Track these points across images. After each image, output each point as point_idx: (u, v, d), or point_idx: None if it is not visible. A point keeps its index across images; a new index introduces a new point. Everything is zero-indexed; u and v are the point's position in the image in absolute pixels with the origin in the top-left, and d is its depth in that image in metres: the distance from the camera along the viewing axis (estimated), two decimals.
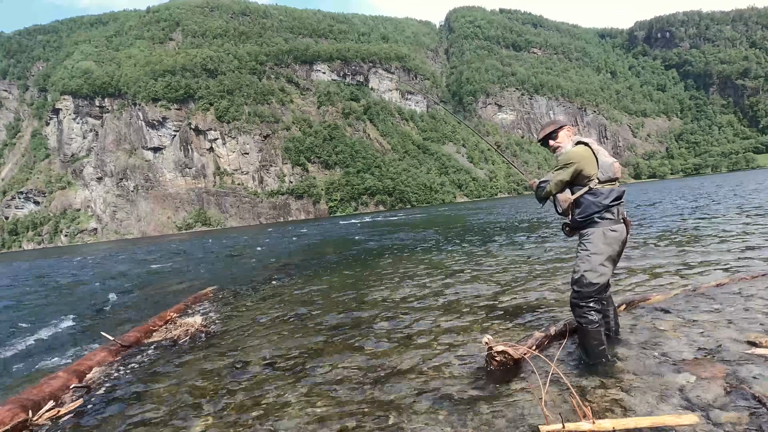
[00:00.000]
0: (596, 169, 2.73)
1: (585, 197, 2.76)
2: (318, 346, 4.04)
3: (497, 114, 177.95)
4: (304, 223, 64.89)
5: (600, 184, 2.73)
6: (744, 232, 8.09)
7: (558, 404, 2.42)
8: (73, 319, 6.96)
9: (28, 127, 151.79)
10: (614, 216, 2.72)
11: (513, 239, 11.63)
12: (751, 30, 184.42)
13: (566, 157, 2.80)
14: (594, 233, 2.75)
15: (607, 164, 2.73)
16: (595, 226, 2.75)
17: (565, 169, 2.78)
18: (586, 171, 2.73)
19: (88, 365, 3.88)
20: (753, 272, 4.81)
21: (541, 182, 3.00)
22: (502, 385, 2.75)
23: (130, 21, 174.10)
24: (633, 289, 4.83)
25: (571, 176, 2.77)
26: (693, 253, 6.56)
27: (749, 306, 3.68)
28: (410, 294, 5.86)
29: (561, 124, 3.02)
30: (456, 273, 7.14)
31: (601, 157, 2.74)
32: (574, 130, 2.99)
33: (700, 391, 2.38)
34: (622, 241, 2.77)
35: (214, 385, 3.35)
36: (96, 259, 25.23)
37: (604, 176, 2.73)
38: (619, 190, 2.74)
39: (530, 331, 3.56)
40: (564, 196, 2.85)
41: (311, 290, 7.06)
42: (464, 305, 4.91)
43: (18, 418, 2.91)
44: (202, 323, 5.11)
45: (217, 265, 13.81)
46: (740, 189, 24.64)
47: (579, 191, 2.78)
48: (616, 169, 2.74)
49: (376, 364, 3.38)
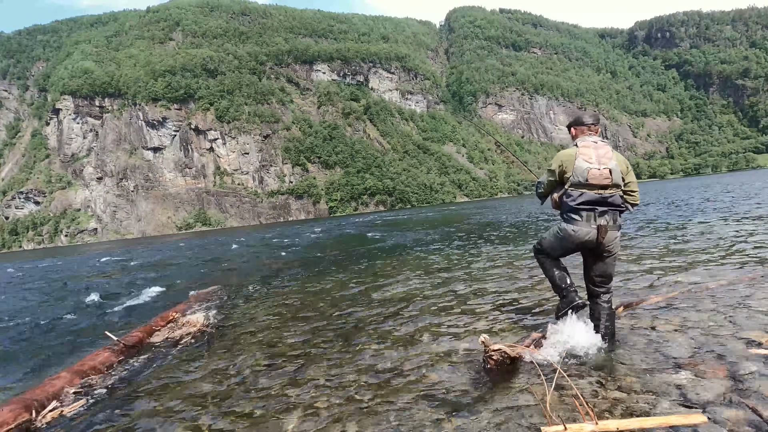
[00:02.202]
0: (571, 171, 2.87)
1: (562, 197, 3.00)
2: (319, 345, 4.05)
3: (497, 114, 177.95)
4: (305, 223, 64.88)
5: (572, 188, 2.87)
6: (744, 233, 8.10)
7: (557, 404, 2.39)
8: (76, 318, 6.98)
9: (28, 127, 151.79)
10: (581, 218, 2.86)
11: (512, 239, 11.64)
12: (751, 30, 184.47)
13: (553, 158, 3.04)
14: (561, 225, 3.02)
15: (581, 169, 2.82)
16: (563, 222, 3.00)
17: (547, 170, 3.09)
18: (567, 173, 2.91)
19: (90, 365, 3.89)
20: (753, 272, 4.83)
21: (538, 182, 3.25)
22: (500, 384, 2.75)
23: (129, 21, 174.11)
24: (633, 289, 4.84)
25: (555, 176, 3.00)
26: (693, 254, 6.57)
27: (749, 306, 3.69)
28: (410, 293, 5.88)
29: (569, 123, 3.22)
30: (456, 273, 7.15)
31: (578, 162, 2.85)
32: (583, 129, 3.08)
33: (700, 390, 2.37)
34: (582, 242, 2.90)
35: (217, 384, 3.37)
36: (96, 258, 25.23)
37: (574, 179, 2.85)
38: (591, 196, 2.81)
39: (529, 331, 3.58)
40: (553, 195, 3.12)
41: (312, 290, 7.08)
42: (464, 305, 4.92)
43: (21, 418, 2.93)
44: (204, 323, 5.13)
45: (219, 264, 13.82)
46: (740, 189, 24.64)
47: (559, 191, 3.03)
48: (591, 176, 2.80)
49: (376, 364, 3.40)
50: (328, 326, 4.71)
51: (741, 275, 4.78)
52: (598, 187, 2.81)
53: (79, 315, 7.26)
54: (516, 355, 2.93)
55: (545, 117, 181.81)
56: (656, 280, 5.15)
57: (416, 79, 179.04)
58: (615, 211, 2.87)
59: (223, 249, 21.75)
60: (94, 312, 7.49)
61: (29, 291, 11.96)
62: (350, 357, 3.65)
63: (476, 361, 3.20)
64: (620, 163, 2.91)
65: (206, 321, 5.26)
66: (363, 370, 3.31)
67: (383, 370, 3.26)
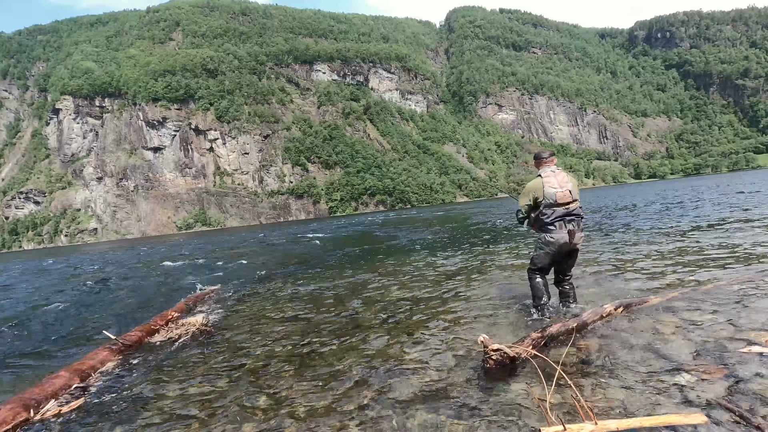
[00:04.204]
0: (543, 196, 3.79)
1: (538, 216, 3.90)
2: (319, 345, 4.06)
3: (497, 114, 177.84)
4: (305, 223, 64.87)
5: (545, 208, 3.81)
6: (743, 233, 8.09)
7: (556, 404, 2.40)
8: (75, 318, 6.98)
9: (28, 127, 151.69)
10: (556, 228, 3.80)
11: (513, 239, 11.64)
12: (751, 30, 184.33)
13: (525, 188, 4.00)
14: (540, 237, 3.96)
15: (551, 193, 3.77)
16: (541, 233, 3.92)
17: (522, 196, 4.01)
18: (539, 198, 3.84)
19: (89, 365, 3.89)
20: (752, 273, 4.82)
21: (517, 210, 4.15)
22: (500, 384, 2.76)
23: (130, 21, 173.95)
24: (632, 290, 4.84)
25: (530, 201, 3.92)
26: (692, 254, 6.57)
27: (748, 306, 3.69)
28: (410, 293, 5.88)
29: (534, 158, 4.16)
30: (455, 272, 7.15)
31: (546, 188, 3.79)
32: (540, 162, 4.01)
33: (699, 390, 2.38)
34: (561, 245, 3.81)
35: (216, 384, 3.37)
36: (96, 258, 25.23)
37: (546, 202, 3.79)
38: (561, 211, 3.76)
39: (528, 331, 3.58)
40: (532, 216, 4.02)
41: (312, 289, 7.08)
42: (464, 305, 4.92)
43: (20, 417, 2.92)
44: (203, 322, 5.12)
45: (218, 264, 13.81)
46: (741, 188, 24.63)
47: (535, 212, 3.93)
48: (559, 197, 3.76)
49: (376, 364, 3.40)
50: (328, 326, 4.71)
51: (741, 275, 4.78)
52: (563, 204, 3.77)
53: (79, 314, 7.26)
54: (515, 355, 2.93)
55: (545, 117, 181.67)
56: (655, 280, 5.15)
57: (416, 79, 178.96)
58: (578, 217, 3.82)
59: (223, 249, 21.74)
60: (94, 311, 7.49)
61: (29, 290, 11.96)
62: (349, 357, 3.65)
63: (476, 361, 3.20)
64: (574, 183, 3.89)
65: (205, 321, 5.26)
66: (362, 370, 3.31)
67: (383, 371, 3.26)
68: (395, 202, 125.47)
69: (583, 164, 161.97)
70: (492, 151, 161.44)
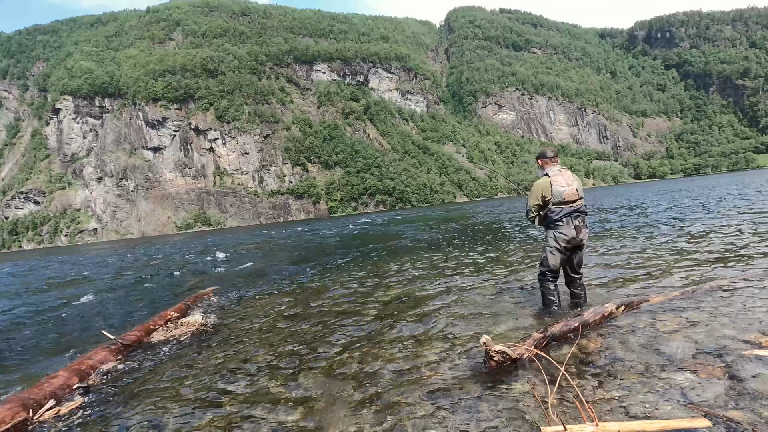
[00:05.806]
0: (551, 195, 3.89)
1: (547, 213, 4.01)
2: (318, 345, 4.04)
3: (497, 114, 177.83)
4: (305, 223, 64.85)
5: (554, 206, 3.92)
6: (743, 234, 8.08)
7: (557, 404, 2.40)
8: (74, 317, 6.96)
9: (28, 127, 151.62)
10: (563, 224, 3.90)
11: (512, 239, 11.63)
12: (751, 30, 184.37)
13: (532, 187, 4.06)
14: (548, 234, 4.04)
15: (559, 192, 3.87)
16: (549, 229, 4.03)
17: (530, 196, 4.06)
18: (548, 197, 3.93)
19: (88, 364, 3.88)
20: (752, 273, 4.81)
21: (527, 210, 4.17)
22: (502, 385, 2.76)
23: (129, 21, 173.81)
24: (632, 290, 4.83)
25: (539, 200, 3.99)
26: (692, 254, 6.56)
27: (749, 306, 3.68)
28: (411, 294, 5.86)
29: (537, 156, 4.27)
30: (456, 272, 7.14)
31: (554, 187, 3.88)
32: (546, 161, 4.11)
33: (700, 390, 2.38)
34: (568, 240, 3.91)
35: (215, 384, 3.35)
36: (96, 258, 25.22)
37: (555, 200, 3.90)
38: (568, 209, 3.88)
39: (530, 332, 3.57)
40: (541, 215, 4.10)
41: (311, 290, 7.07)
42: (465, 305, 4.91)
43: (19, 417, 2.91)
44: (202, 322, 5.11)
45: (218, 264, 13.80)
46: (744, 188, 24.62)
47: (544, 210, 4.03)
48: (567, 195, 3.87)
49: (376, 364, 3.38)
50: (327, 326, 4.70)
51: (741, 275, 4.77)
52: (571, 201, 3.89)
53: (78, 314, 7.24)
54: (517, 356, 2.92)
55: (545, 117, 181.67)
56: (655, 280, 5.14)
57: (416, 79, 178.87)
58: (583, 214, 3.96)
59: (223, 249, 21.73)
60: (93, 311, 7.47)
61: (28, 290, 11.94)
62: (349, 357, 3.63)
63: (477, 361, 3.18)
64: (579, 182, 4.01)
65: (204, 320, 5.25)
66: (362, 370, 3.30)
67: (384, 371, 3.24)
68: (395, 202, 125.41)
69: (583, 164, 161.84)
70: (492, 151, 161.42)
